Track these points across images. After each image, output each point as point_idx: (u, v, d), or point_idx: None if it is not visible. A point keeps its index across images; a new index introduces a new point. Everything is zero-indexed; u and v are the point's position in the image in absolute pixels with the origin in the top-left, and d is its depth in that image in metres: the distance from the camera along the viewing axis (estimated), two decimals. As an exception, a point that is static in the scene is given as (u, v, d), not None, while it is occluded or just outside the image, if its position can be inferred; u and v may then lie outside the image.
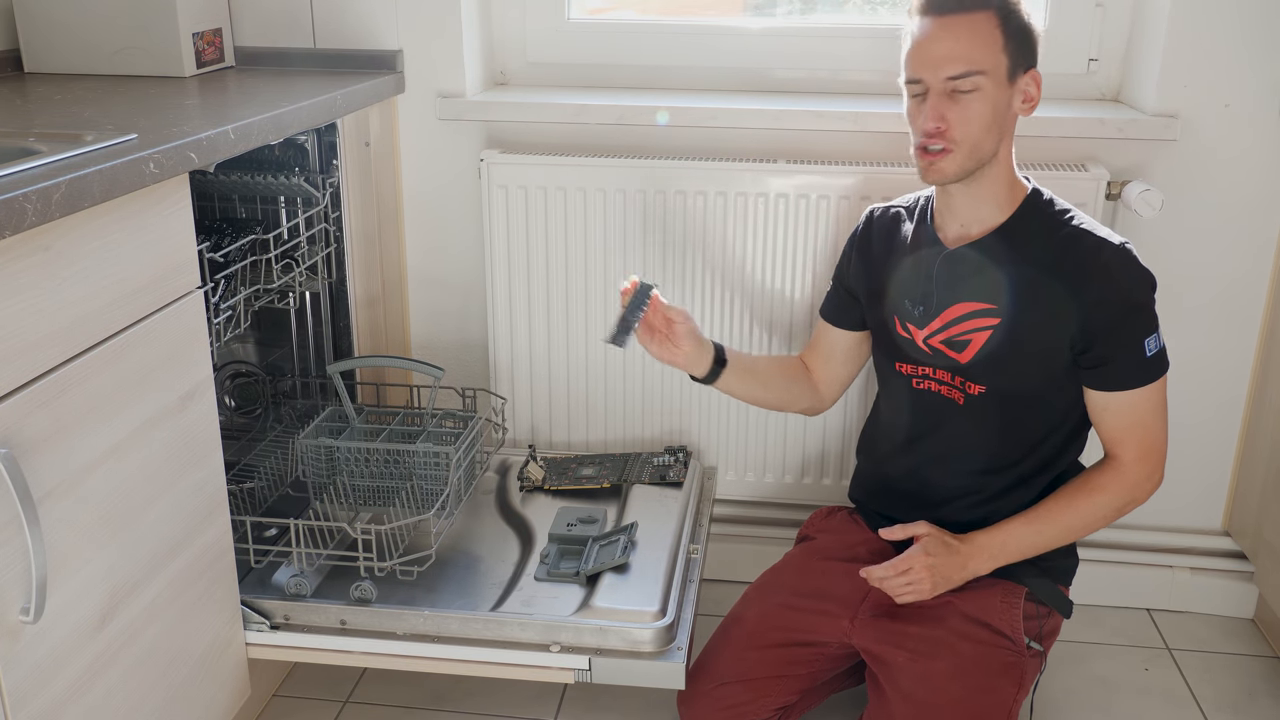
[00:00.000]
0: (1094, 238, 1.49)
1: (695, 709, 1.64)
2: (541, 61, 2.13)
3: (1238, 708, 1.84)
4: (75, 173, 1.11)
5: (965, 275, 1.54)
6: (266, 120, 1.50)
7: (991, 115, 1.46)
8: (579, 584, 1.63)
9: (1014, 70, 1.47)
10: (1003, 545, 1.56)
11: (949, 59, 1.45)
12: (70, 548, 1.19)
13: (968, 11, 1.45)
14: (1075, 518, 1.55)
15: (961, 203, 1.55)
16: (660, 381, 2.02)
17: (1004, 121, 1.49)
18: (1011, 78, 1.47)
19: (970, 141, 1.47)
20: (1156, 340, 1.49)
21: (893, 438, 1.69)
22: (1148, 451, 1.53)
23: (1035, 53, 1.50)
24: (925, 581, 1.54)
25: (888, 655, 1.57)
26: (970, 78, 1.44)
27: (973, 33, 1.44)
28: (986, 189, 1.52)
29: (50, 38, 1.87)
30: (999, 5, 1.45)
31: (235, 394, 2.04)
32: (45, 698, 1.17)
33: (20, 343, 1.09)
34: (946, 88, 1.45)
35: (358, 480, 1.74)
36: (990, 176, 1.51)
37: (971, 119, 1.45)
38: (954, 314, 1.55)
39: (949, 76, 1.45)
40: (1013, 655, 1.55)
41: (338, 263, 1.91)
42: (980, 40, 1.44)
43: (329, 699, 1.86)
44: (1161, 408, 1.53)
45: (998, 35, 1.44)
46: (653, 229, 1.93)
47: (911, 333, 1.60)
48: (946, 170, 1.49)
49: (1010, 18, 1.46)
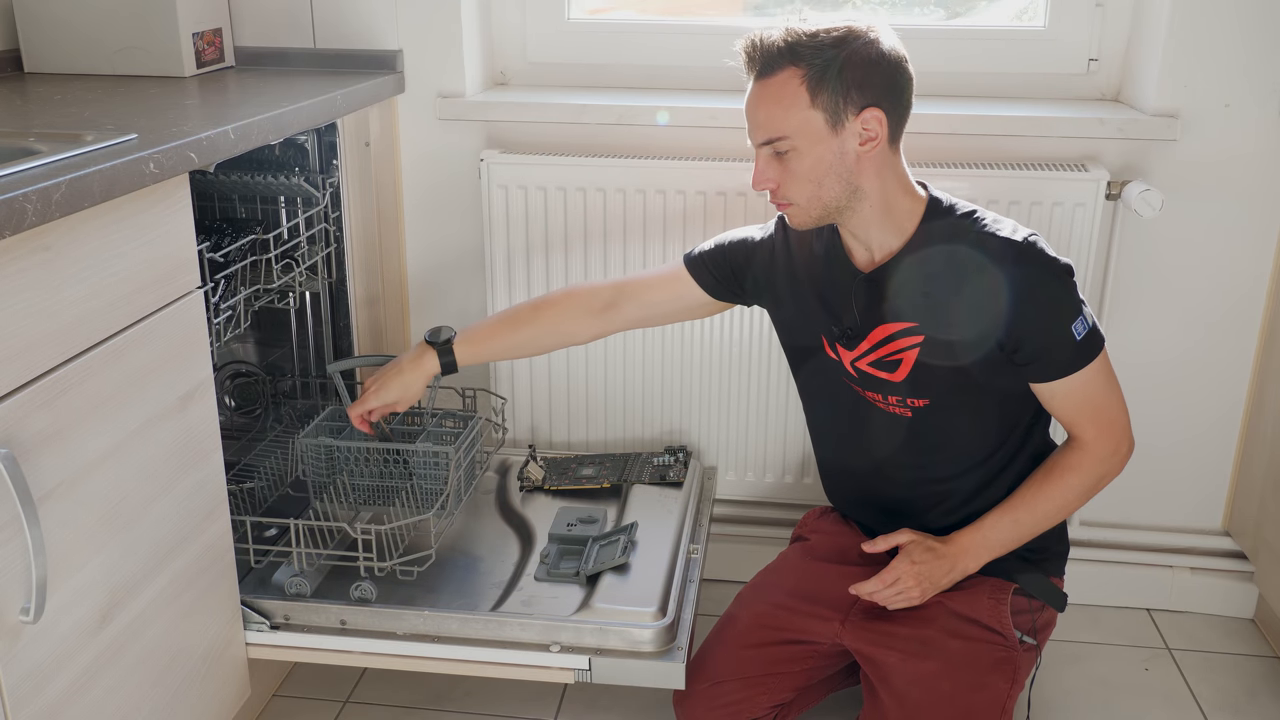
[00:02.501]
0: (999, 239, 1.46)
1: (691, 707, 1.64)
2: (541, 61, 2.13)
3: (1238, 708, 1.84)
4: (75, 173, 1.11)
5: (882, 297, 1.52)
6: (266, 120, 1.50)
7: (818, 169, 1.44)
8: (579, 584, 1.63)
9: (836, 119, 1.42)
10: (985, 540, 1.55)
11: (757, 125, 1.46)
12: (70, 548, 1.19)
13: (773, 73, 1.43)
14: (1050, 503, 1.54)
15: (854, 234, 1.53)
16: (660, 381, 2.02)
17: (841, 168, 1.44)
18: (835, 127, 1.42)
19: (805, 195, 1.46)
20: (1083, 322, 1.47)
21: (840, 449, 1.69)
22: (1107, 427, 1.53)
23: (878, 88, 1.42)
24: (914, 589, 1.55)
25: (879, 657, 1.57)
26: (776, 142, 1.44)
27: (777, 96, 1.43)
28: (871, 220, 1.50)
29: (50, 38, 1.87)
30: (807, 59, 1.41)
31: (235, 394, 2.04)
32: (45, 698, 1.17)
33: (20, 343, 1.09)
34: (766, 151, 1.46)
35: (358, 480, 1.74)
36: (867, 210, 1.48)
37: (798, 176, 1.45)
38: (878, 336, 1.53)
39: (759, 142, 1.46)
40: (1004, 650, 1.55)
41: (338, 263, 1.91)
42: (785, 103, 1.42)
43: (329, 699, 1.86)
44: (1108, 382, 1.52)
45: (802, 94, 1.41)
46: (653, 229, 1.93)
47: (840, 354, 1.58)
48: (798, 220, 1.50)
49: (824, 69, 1.40)
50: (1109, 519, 2.07)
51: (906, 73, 1.46)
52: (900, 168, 1.50)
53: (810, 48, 1.41)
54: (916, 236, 1.50)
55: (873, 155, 1.45)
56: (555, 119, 1.98)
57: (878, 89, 1.43)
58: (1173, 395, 2.01)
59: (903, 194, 1.50)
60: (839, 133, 1.43)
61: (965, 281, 1.47)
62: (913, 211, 1.51)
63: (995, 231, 1.47)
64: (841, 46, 1.41)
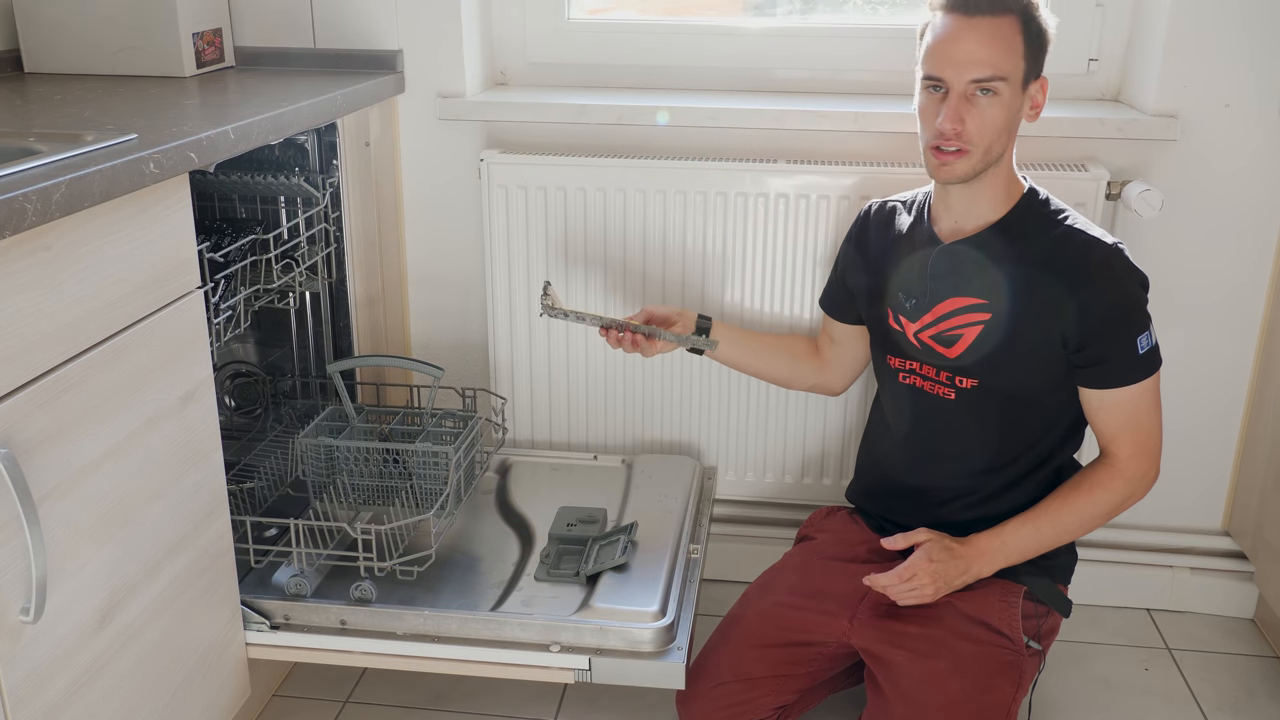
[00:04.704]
0: (1087, 236, 1.50)
1: (694, 708, 1.64)
2: (541, 61, 2.13)
3: (1238, 708, 1.84)
4: (75, 173, 1.11)
5: (958, 270, 1.55)
6: (266, 120, 1.50)
7: (1006, 120, 1.47)
8: (579, 584, 1.63)
9: (1029, 77, 1.48)
10: (1003, 546, 1.56)
11: (975, 62, 1.44)
12: (70, 548, 1.19)
13: (994, 14, 1.44)
14: (1073, 516, 1.55)
15: (959, 200, 1.55)
16: (660, 381, 2.02)
17: (1014, 127, 1.50)
18: (1026, 84, 1.48)
19: (985, 144, 1.47)
20: (1149, 338, 1.49)
21: (889, 435, 1.70)
22: (1143, 448, 1.54)
23: (1044, 60, 1.50)
24: (928, 586, 1.55)
25: (887, 655, 1.57)
26: (994, 82, 1.45)
27: (996, 36, 1.44)
28: (986, 188, 1.53)
29: (50, 38, 1.87)
30: (1023, 9, 1.45)
31: (235, 394, 2.04)
32: (45, 698, 1.17)
33: (20, 343, 1.09)
34: (968, 90, 1.45)
35: (358, 480, 1.74)
36: (992, 176, 1.52)
37: (988, 123, 1.46)
38: (945, 309, 1.55)
39: (973, 79, 1.45)
40: (1011, 654, 1.55)
41: (338, 263, 1.91)
42: (1004, 45, 1.44)
43: (329, 699, 1.86)
44: (1155, 405, 1.53)
45: (1019, 41, 1.45)
46: (653, 229, 1.93)
47: (904, 325, 1.61)
48: (959, 171, 1.49)
49: (1031, 23, 1.46)
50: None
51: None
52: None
53: (1024, 3, 1.45)
54: (1010, 216, 1.53)
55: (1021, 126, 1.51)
56: (555, 119, 1.98)
57: (1044, 62, 1.50)
58: (1173, 395, 2.00)
59: (1013, 174, 1.55)
60: (1025, 92, 1.48)
61: (1045, 270, 1.49)
62: (1014, 193, 1.54)
63: (1086, 229, 1.50)
64: (1037, 10, 1.46)
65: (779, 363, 1.83)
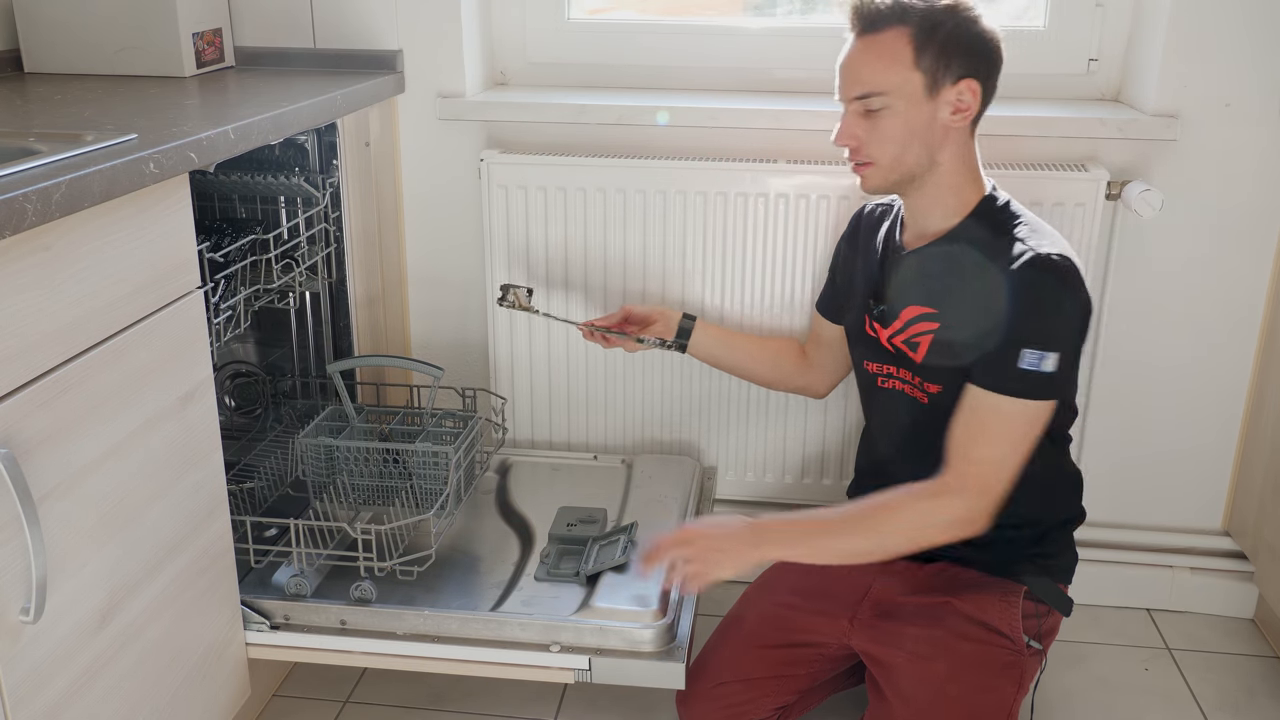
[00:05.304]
0: (1022, 246, 1.44)
1: (694, 709, 1.64)
2: (541, 61, 2.13)
3: (1238, 708, 1.84)
4: (75, 173, 1.11)
5: (913, 279, 1.56)
6: (266, 120, 1.50)
7: (906, 132, 1.46)
8: (579, 584, 1.63)
9: (934, 84, 1.45)
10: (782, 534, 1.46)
11: (853, 80, 1.48)
12: (70, 548, 1.19)
13: (877, 30, 1.45)
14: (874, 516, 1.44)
15: (912, 209, 1.57)
16: (660, 381, 2.02)
17: (928, 135, 1.47)
18: (932, 92, 1.45)
19: (888, 156, 1.48)
20: (1040, 359, 1.38)
21: (876, 439, 1.71)
22: (975, 477, 1.41)
23: (977, 61, 1.46)
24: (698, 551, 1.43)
25: (886, 657, 1.57)
26: (872, 98, 1.46)
27: (879, 52, 1.45)
28: (931, 197, 1.52)
29: (50, 38, 1.87)
30: (917, 19, 1.43)
31: (235, 394, 2.04)
32: (45, 698, 1.17)
33: (20, 343, 1.09)
34: (857, 106, 1.48)
35: (358, 480, 1.74)
36: (933, 185, 1.51)
37: (883, 136, 1.47)
38: (906, 316, 1.55)
39: (854, 96, 1.48)
40: (1012, 654, 1.55)
41: (338, 263, 1.91)
42: (887, 59, 1.45)
43: (329, 699, 1.86)
44: (1014, 442, 1.41)
45: (907, 53, 1.44)
46: (653, 229, 1.93)
47: (877, 332, 1.61)
48: (873, 183, 1.52)
49: (931, 31, 1.43)
50: (1109, 519, 2.07)
51: (1001, 55, 1.49)
52: (974, 153, 1.53)
53: (921, 11, 1.44)
54: (961, 225, 1.52)
55: (958, 130, 1.48)
56: (555, 119, 1.98)
57: (977, 62, 1.47)
58: (1172, 395, 2.01)
59: (969, 180, 1.53)
60: (934, 98, 1.46)
61: (979, 279, 1.47)
62: (968, 200, 1.53)
63: (1025, 238, 1.46)
64: (950, 15, 1.45)
65: (763, 363, 1.84)
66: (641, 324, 1.81)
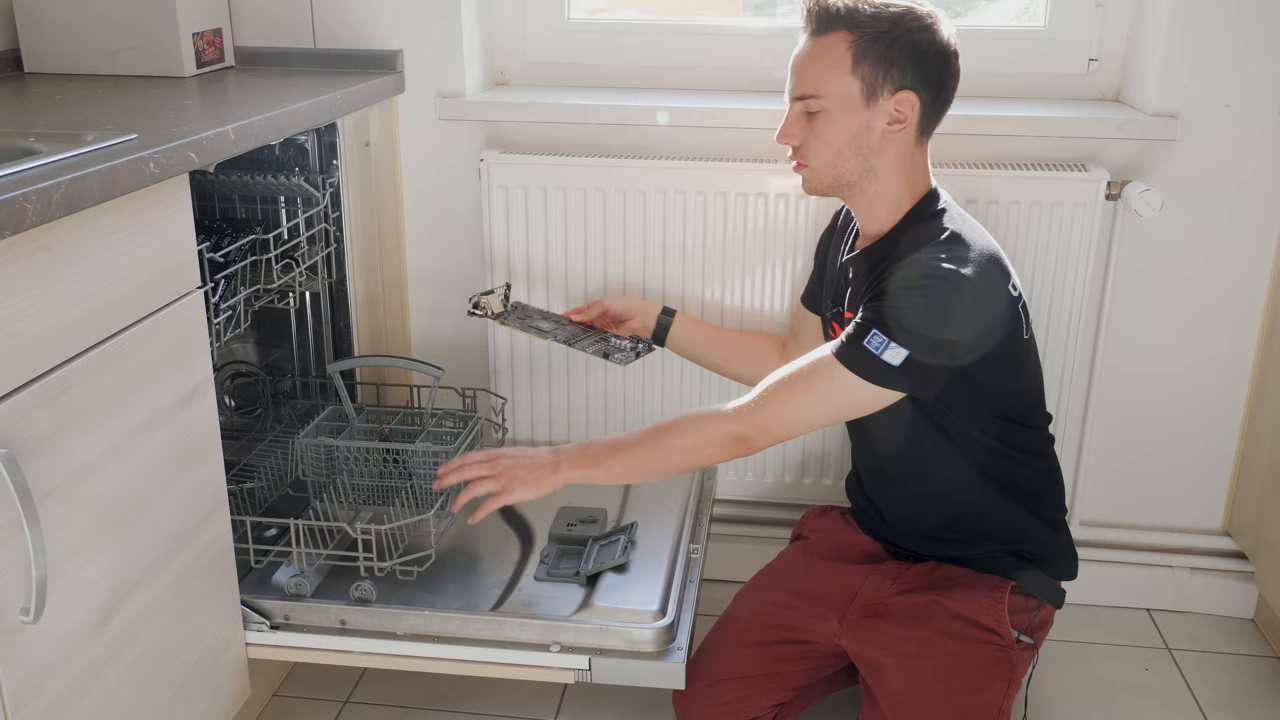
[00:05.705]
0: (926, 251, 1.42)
1: (691, 706, 1.64)
2: (541, 61, 2.13)
3: (1238, 708, 1.84)
4: (75, 173, 1.11)
5: (847, 283, 1.58)
6: (266, 120, 1.50)
7: (841, 138, 1.46)
8: (579, 584, 1.63)
9: (871, 93, 1.44)
10: (577, 457, 1.48)
11: (796, 79, 1.49)
12: (70, 548, 1.19)
13: (823, 33, 1.45)
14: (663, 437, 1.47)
15: (857, 213, 1.57)
16: (660, 381, 2.02)
17: (863, 143, 1.46)
18: (868, 100, 1.44)
19: (822, 160, 1.49)
20: (884, 344, 1.36)
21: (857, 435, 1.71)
22: (769, 412, 1.43)
23: (922, 73, 1.44)
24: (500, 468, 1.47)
25: (874, 658, 1.57)
26: (810, 100, 1.46)
27: (821, 55, 1.45)
28: (868, 203, 1.53)
29: (50, 38, 1.87)
30: (861, 26, 1.42)
31: (235, 394, 2.04)
32: (45, 698, 1.17)
33: (20, 343, 1.09)
34: (799, 106, 1.49)
35: (358, 480, 1.74)
36: (872, 193, 1.51)
37: (819, 139, 1.48)
38: (849, 318, 1.54)
39: (795, 96, 1.49)
40: (1000, 650, 1.55)
41: (338, 263, 1.91)
42: (827, 63, 1.44)
43: (329, 699, 1.86)
44: (822, 404, 1.43)
45: (846, 59, 1.43)
46: (653, 229, 1.93)
47: (835, 332, 1.60)
48: (809, 183, 1.53)
49: (873, 39, 1.42)
50: (1109, 519, 2.08)
51: (953, 67, 1.47)
52: (922, 162, 1.52)
53: (867, 16, 1.43)
54: (893, 229, 1.52)
55: (896, 139, 1.47)
56: (555, 119, 1.98)
57: (920, 74, 1.44)
58: (1172, 395, 2.01)
59: (910, 188, 1.51)
60: (870, 107, 1.45)
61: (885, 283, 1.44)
62: (902, 206, 1.52)
63: (933, 245, 1.43)
64: (897, 23, 1.43)
65: (740, 360, 1.83)
66: (618, 320, 1.81)
